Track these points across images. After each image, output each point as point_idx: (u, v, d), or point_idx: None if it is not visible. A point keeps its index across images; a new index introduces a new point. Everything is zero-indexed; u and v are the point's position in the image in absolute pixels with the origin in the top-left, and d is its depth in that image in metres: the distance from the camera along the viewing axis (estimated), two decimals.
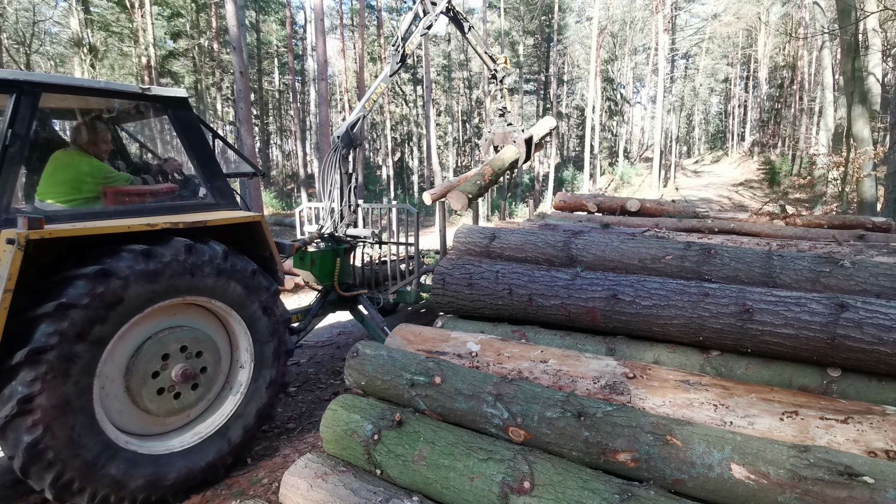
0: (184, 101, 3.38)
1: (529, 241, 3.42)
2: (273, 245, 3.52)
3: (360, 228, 5.31)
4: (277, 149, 39.97)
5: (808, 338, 2.23)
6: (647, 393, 2.31)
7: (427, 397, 2.49)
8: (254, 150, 13.20)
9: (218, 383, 3.28)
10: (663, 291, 2.61)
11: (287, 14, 28.59)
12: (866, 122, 10.46)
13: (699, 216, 4.61)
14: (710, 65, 41.50)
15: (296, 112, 30.88)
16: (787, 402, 2.12)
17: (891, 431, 1.93)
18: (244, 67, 12.09)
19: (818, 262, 2.56)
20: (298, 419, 4.25)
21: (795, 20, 31.55)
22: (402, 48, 5.36)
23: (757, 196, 25.16)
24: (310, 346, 6.10)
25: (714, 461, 1.83)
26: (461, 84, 39.75)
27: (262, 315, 3.32)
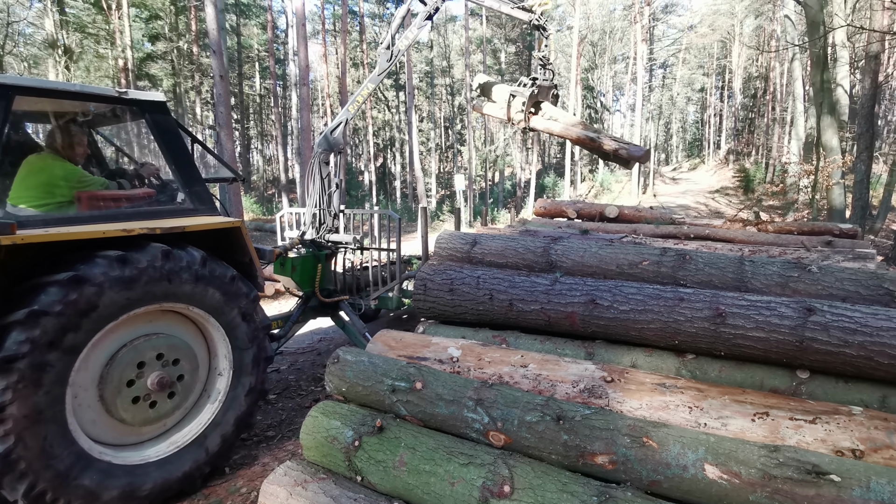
0: (162, 105, 3.34)
1: (510, 247, 3.46)
2: (253, 251, 3.49)
3: (341, 234, 5.29)
4: (258, 153, 39.60)
5: (777, 341, 2.29)
6: (624, 396, 2.35)
7: (408, 403, 2.50)
8: (234, 155, 13.04)
9: (195, 391, 3.23)
10: (640, 296, 2.67)
11: (268, 18, 28.43)
12: (835, 132, 10.82)
13: (675, 222, 4.72)
14: (687, 75, 42.48)
15: (277, 116, 30.64)
16: (758, 404, 2.18)
17: (857, 431, 2.00)
18: (224, 71, 11.96)
19: (787, 267, 2.64)
20: (278, 427, 4.20)
21: (767, 32, 32.53)
22: (393, 46, 5.14)
23: (732, 203, 25.74)
24: (290, 352, 6.04)
25: (689, 462, 1.88)
26: (443, 90, 39.93)
27: (241, 321, 3.28)
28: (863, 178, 11.16)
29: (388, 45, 5.12)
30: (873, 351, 2.12)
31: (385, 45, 5.14)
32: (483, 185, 34.31)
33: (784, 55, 21.84)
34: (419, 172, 24.96)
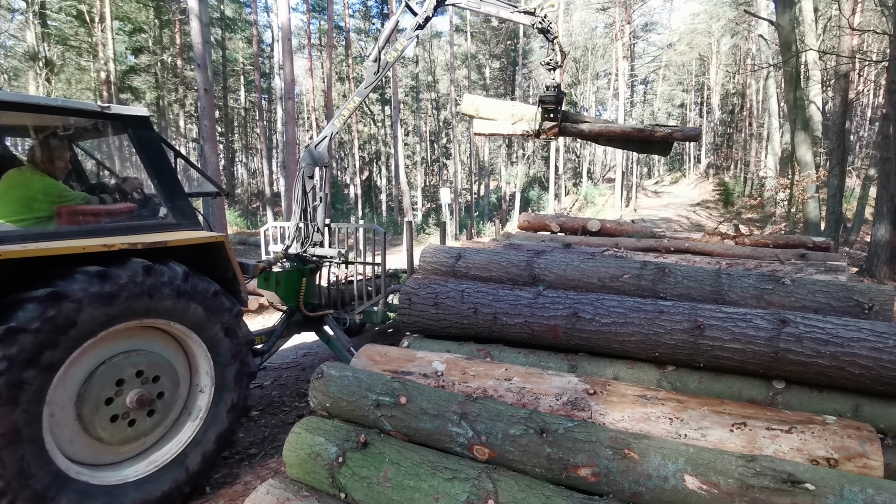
0: (145, 119, 3.33)
1: (494, 261, 3.49)
2: (236, 265, 3.47)
3: (326, 248, 5.28)
4: (243, 166, 39.35)
5: (754, 352, 2.35)
6: (606, 408, 2.38)
7: (392, 418, 2.49)
8: (218, 168, 12.96)
9: (176, 409, 3.18)
10: (621, 309, 2.71)
11: (254, 32, 28.48)
12: (809, 147, 11.15)
13: (656, 236, 4.81)
14: (667, 91, 43.50)
15: (262, 130, 30.57)
16: (736, 414, 2.23)
17: (831, 440, 2.06)
18: (209, 85, 11.94)
19: (762, 279, 2.71)
20: (261, 444, 4.14)
21: (743, 51, 33.52)
22: (380, 60, 5.07)
23: (713, 216, 26.24)
24: (274, 367, 5.97)
25: (669, 473, 1.91)
26: (429, 105, 40.27)
27: (223, 337, 3.25)
28: (835, 192, 11.50)
29: (375, 59, 5.08)
30: (844, 361, 2.19)
31: (372, 59, 5.09)
32: (469, 198, 34.51)
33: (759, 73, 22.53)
34: (405, 186, 25.04)
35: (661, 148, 5.45)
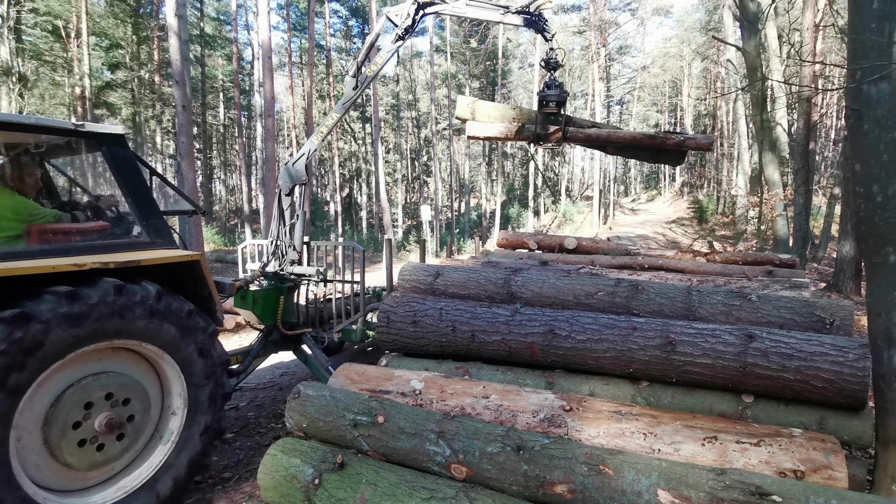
0: (120, 138, 3.30)
1: (472, 279, 3.53)
2: (212, 284, 3.43)
3: (305, 266, 5.24)
4: (221, 183, 38.92)
5: (723, 367, 2.42)
6: (582, 424, 2.41)
7: (370, 437, 2.48)
8: (195, 185, 12.81)
9: (146, 432, 3.10)
10: (596, 326, 2.76)
11: (234, 50, 28.45)
12: (776, 167, 11.56)
13: (631, 253, 4.92)
14: (642, 111, 44.73)
15: (241, 147, 30.37)
16: (707, 428, 2.28)
17: (797, 452, 2.12)
18: (187, 101, 11.86)
19: (730, 296, 2.80)
20: (235, 467, 4.04)
21: (713, 74, 34.74)
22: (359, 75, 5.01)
23: (688, 232, 26.86)
24: (250, 388, 5.85)
25: (643, 488, 1.93)
26: (410, 123, 40.58)
27: (198, 357, 3.19)
28: (802, 210, 11.91)
29: (355, 74, 5.03)
30: (809, 375, 2.26)
31: (351, 74, 5.05)
32: (449, 215, 34.67)
33: (729, 96, 23.37)
34: (385, 203, 25.06)
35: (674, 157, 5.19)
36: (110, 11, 22.80)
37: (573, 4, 37.51)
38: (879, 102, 2.71)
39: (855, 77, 2.81)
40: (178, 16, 11.23)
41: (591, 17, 29.33)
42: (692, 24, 35.48)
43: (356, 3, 33.30)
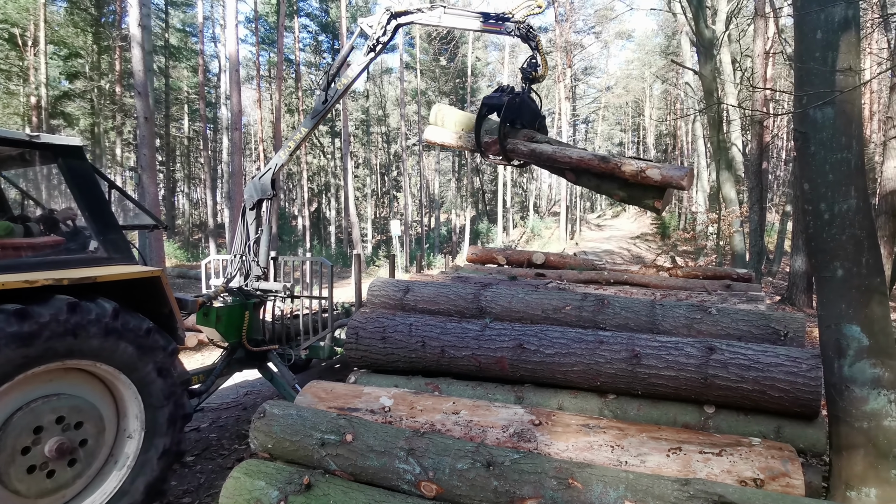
0: (77, 149, 3.19)
1: (442, 294, 3.53)
2: (173, 301, 3.32)
3: (271, 282, 5.14)
4: (185, 197, 37.88)
5: (686, 378, 2.48)
6: (552, 439, 2.43)
7: (338, 456, 2.42)
8: (157, 199, 12.42)
9: (100, 457, 2.95)
10: (564, 340, 2.80)
11: (200, 62, 27.99)
12: (732, 185, 12.09)
13: (597, 268, 5.02)
14: (607, 130, 46.16)
15: (206, 160, 29.71)
16: (672, 439, 2.33)
17: (757, 461, 2.18)
18: (149, 113, 11.55)
19: (692, 309, 2.89)
20: (196, 492, 3.87)
21: (673, 96, 36.23)
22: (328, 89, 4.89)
23: (651, 248, 27.65)
24: (213, 408, 5.65)
25: (610, 500, 1.95)
26: (379, 138, 40.63)
27: (156, 377, 3.07)
28: (756, 226, 12.47)
29: (325, 88, 4.93)
30: (766, 385, 2.35)
31: (322, 88, 4.95)
32: (419, 230, 34.69)
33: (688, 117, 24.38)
34: (354, 218, 24.89)
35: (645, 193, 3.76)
36: (70, 20, 22.14)
37: (540, 26, 38.59)
38: (824, 126, 2.88)
39: (802, 102, 2.99)
40: (142, 26, 11.00)
41: (557, 38, 30.23)
42: (653, 48, 37.05)
43: (326, 18, 33.36)
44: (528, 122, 4.50)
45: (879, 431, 2.72)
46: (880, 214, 9.61)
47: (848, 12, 2.83)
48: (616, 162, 3.74)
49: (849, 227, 2.82)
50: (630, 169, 3.63)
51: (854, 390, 2.77)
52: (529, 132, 4.43)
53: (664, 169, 3.51)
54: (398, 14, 4.69)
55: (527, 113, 4.47)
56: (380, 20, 4.70)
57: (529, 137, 4.38)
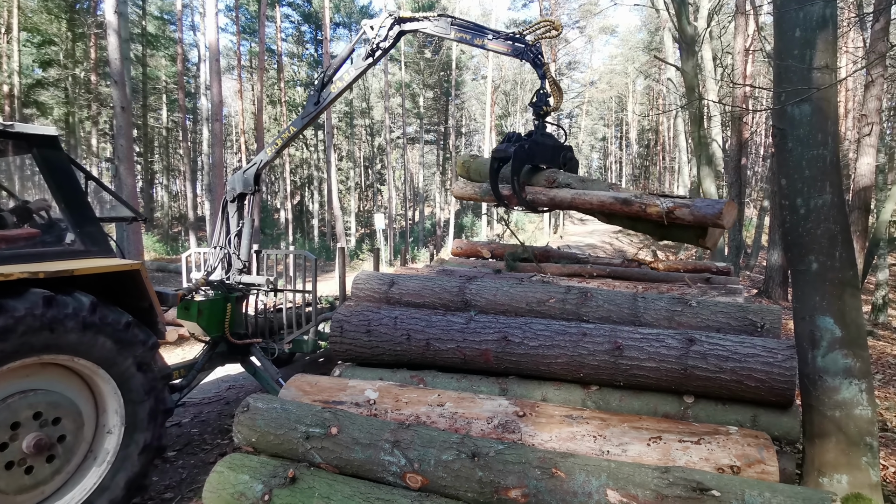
0: (52, 139, 3.11)
1: (427, 287, 3.53)
2: (153, 294, 3.27)
3: (254, 275, 5.09)
4: (163, 189, 37.15)
5: (666, 369, 2.53)
6: (535, 429, 2.46)
7: (323, 449, 2.42)
8: (135, 191, 12.16)
9: (79, 453, 2.90)
10: (548, 332, 2.83)
11: (178, 51, 27.38)
12: (712, 180, 12.28)
13: (580, 261, 5.07)
14: (590, 125, 46.49)
15: (186, 151, 29.15)
16: (652, 429, 2.38)
17: (734, 449, 2.24)
18: (126, 102, 11.29)
19: (672, 302, 2.95)
20: (178, 487, 3.84)
21: (655, 91, 36.62)
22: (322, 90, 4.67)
23: (633, 242, 28.02)
24: (195, 403, 5.59)
25: (593, 489, 1.99)
26: (363, 131, 40.33)
27: (136, 372, 3.03)
28: (735, 221, 12.71)
29: (319, 89, 4.69)
30: (743, 375, 2.41)
31: (315, 89, 4.72)
32: (404, 223, 34.60)
33: (669, 112, 24.68)
34: (338, 211, 24.72)
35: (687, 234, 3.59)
36: (43, 6, 21.43)
37: (524, 20, 38.62)
38: (802, 122, 2.95)
39: (780, 99, 3.05)
40: (119, 13, 10.72)
41: None
42: (636, 43, 37.37)
43: (309, 8, 32.88)
44: (548, 160, 4.30)
45: (850, 420, 2.81)
46: (853, 210, 9.88)
47: (826, 11, 2.89)
48: (640, 204, 3.51)
49: (823, 221, 2.89)
50: (656, 210, 3.42)
51: (827, 380, 2.85)
52: (552, 173, 4.22)
53: (695, 207, 3.27)
54: (403, 20, 4.46)
55: (543, 153, 4.25)
56: (382, 24, 4.46)
57: (551, 180, 4.19)
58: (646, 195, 3.62)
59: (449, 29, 4.35)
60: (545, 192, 4.13)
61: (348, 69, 4.70)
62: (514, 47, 4.22)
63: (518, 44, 4.21)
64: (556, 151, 4.34)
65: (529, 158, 4.14)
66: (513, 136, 4.26)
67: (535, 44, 4.19)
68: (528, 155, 4.10)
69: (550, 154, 4.31)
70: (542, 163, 4.29)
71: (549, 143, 4.28)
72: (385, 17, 4.49)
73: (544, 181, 4.22)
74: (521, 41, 4.20)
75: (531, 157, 4.15)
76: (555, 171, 4.31)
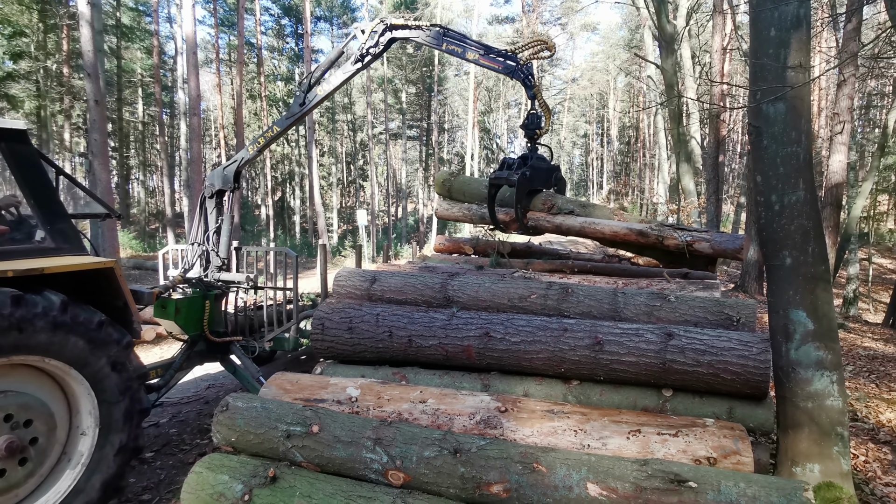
0: (21, 133, 3.01)
1: (409, 284, 3.52)
2: (128, 293, 3.19)
3: (233, 273, 5.01)
4: (140, 185, 36.33)
5: (646, 363, 2.57)
6: (517, 425, 2.47)
7: (304, 448, 2.40)
8: (109, 186, 11.85)
9: (52, 455, 2.83)
10: (529, 328, 2.85)
11: (154, 43, 26.74)
12: (691, 177, 12.49)
13: (562, 257, 5.10)
14: (572, 121, 46.81)
15: (163, 146, 28.50)
16: (632, 422, 2.41)
17: (710, 441, 2.29)
18: (100, 96, 11.00)
19: (652, 297, 2.99)
20: (156, 488, 3.77)
21: (636, 89, 37.02)
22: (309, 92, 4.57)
23: None
24: (173, 403, 5.49)
25: (573, 482, 2.01)
26: (345, 126, 39.97)
27: (110, 372, 2.96)
28: (713, 217, 12.94)
29: (305, 90, 4.60)
30: (719, 368, 2.46)
31: (302, 89, 4.62)
32: (386, 220, 34.44)
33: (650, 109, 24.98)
34: (320, 207, 24.48)
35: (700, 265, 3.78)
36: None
37: (507, 16, 38.68)
38: (776, 120, 3.00)
39: (756, 97, 3.10)
40: (91, 3, 10.43)
41: (524, 29, 30.34)
42: (617, 41, 37.69)
43: (289, 1, 32.38)
44: (543, 182, 4.40)
45: (822, 410, 2.89)
46: (825, 206, 10.14)
47: (800, 11, 2.95)
48: (656, 236, 3.60)
49: (797, 217, 2.95)
50: (674, 243, 3.58)
51: (800, 372, 2.93)
52: (548, 197, 4.33)
53: (715, 242, 3.41)
54: (395, 27, 4.39)
55: (539, 176, 4.31)
56: (374, 29, 4.39)
57: (549, 204, 4.26)
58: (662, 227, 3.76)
59: (441, 40, 4.31)
60: (549, 218, 4.24)
61: (335, 72, 4.64)
62: (505, 65, 4.19)
63: (510, 62, 4.18)
64: (549, 173, 4.45)
65: (530, 183, 4.26)
66: (509, 162, 4.31)
67: (527, 63, 4.17)
68: (530, 181, 4.23)
69: (545, 176, 4.42)
70: (538, 186, 4.39)
71: (543, 167, 4.36)
72: (377, 22, 4.43)
73: (541, 205, 4.34)
74: (513, 59, 4.17)
75: (531, 182, 4.27)
76: (551, 194, 4.42)
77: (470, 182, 5.20)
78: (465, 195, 5.06)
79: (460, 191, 5.11)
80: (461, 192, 5.10)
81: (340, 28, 35.93)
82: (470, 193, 5.05)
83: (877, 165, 12.08)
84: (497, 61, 4.21)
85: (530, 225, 4.29)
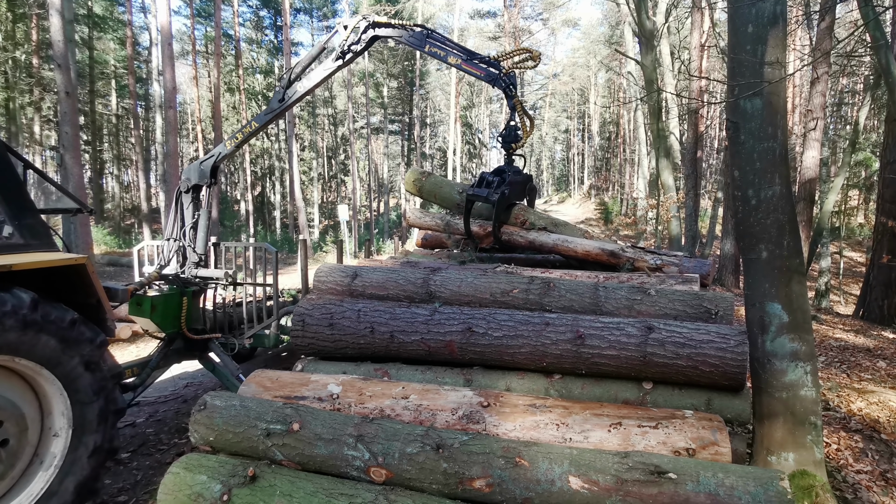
0: None
1: (391, 279, 3.49)
2: (101, 290, 3.10)
3: (212, 269, 4.91)
4: (114, 179, 35.44)
5: (626, 357, 2.59)
6: (499, 419, 2.47)
7: (284, 446, 2.37)
8: (82, 181, 11.53)
9: (24, 458, 2.75)
10: (511, 322, 2.85)
11: (128, 34, 26.01)
12: (670, 172, 12.66)
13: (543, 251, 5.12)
14: (554, 117, 47.12)
15: (138, 140, 27.81)
16: (613, 415, 2.43)
17: (689, 432, 2.32)
18: (72, 87, 10.66)
19: (632, 291, 3.02)
20: (132, 490, 3.69)
21: (617, 84, 37.37)
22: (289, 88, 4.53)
23: (595, 233, 28.66)
24: (150, 402, 5.38)
25: (555, 476, 2.02)
26: (326, 120, 39.54)
27: (83, 372, 2.88)
28: (691, 212, 13.17)
29: (286, 86, 4.55)
30: (698, 361, 2.49)
31: (282, 85, 4.58)
32: (368, 215, 34.22)
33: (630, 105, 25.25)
34: (300, 202, 24.19)
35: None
36: None
37: (488, 10, 38.62)
38: (753, 116, 3.05)
39: (733, 92, 3.14)
40: None
41: (506, 23, 30.35)
42: (597, 37, 37.95)
43: None
44: (518, 195, 4.45)
45: (797, 401, 2.96)
46: (799, 201, 10.39)
47: (777, 8, 2.99)
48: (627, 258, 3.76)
49: (773, 212, 3.01)
50: (644, 265, 3.73)
51: (775, 363, 2.99)
52: (519, 210, 4.40)
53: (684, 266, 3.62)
54: (378, 25, 4.37)
55: (515, 191, 4.36)
56: (357, 26, 4.35)
57: (522, 219, 4.35)
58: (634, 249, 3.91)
59: (424, 42, 4.28)
60: (523, 234, 4.34)
61: (316, 68, 4.59)
62: (487, 72, 4.18)
63: (492, 69, 4.17)
64: (524, 185, 4.51)
65: (508, 198, 4.32)
66: (486, 178, 4.34)
67: (509, 72, 4.16)
68: (507, 197, 4.28)
69: (520, 189, 4.47)
70: (514, 199, 4.44)
71: (519, 180, 4.39)
72: (359, 19, 4.40)
73: (513, 219, 4.41)
74: (496, 66, 4.17)
75: (509, 197, 4.32)
76: (524, 207, 4.48)
77: (442, 184, 5.15)
78: (437, 197, 5.05)
79: (431, 192, 5.08)
80: (432, 194, 5.08)
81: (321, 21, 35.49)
82: (441, 196, 5.02)
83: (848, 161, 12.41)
84: (479, 67, 4.19)
85: (504, 239, 4.38)
